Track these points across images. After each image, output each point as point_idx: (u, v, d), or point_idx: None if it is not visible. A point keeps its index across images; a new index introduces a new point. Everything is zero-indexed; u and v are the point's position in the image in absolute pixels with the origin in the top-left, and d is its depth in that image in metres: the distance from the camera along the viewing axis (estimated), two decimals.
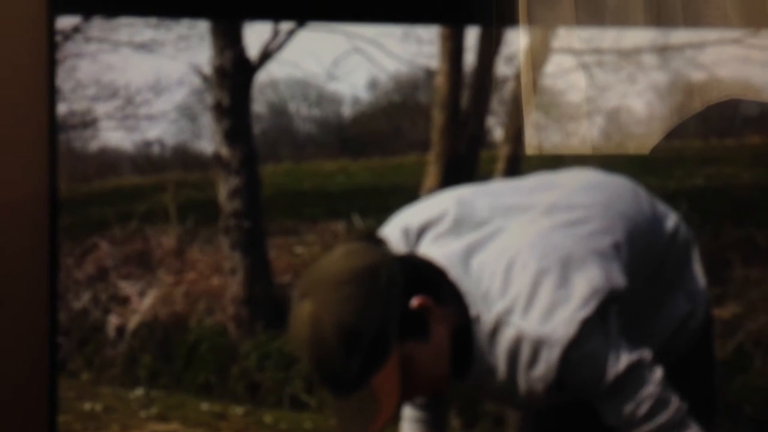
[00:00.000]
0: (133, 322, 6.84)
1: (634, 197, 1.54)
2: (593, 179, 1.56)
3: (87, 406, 5.00)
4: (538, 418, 1.70)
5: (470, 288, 1.36)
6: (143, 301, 7.02)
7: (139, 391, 6.04)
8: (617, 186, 1.56)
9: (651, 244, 1.54)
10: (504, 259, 1.39)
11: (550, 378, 1.37)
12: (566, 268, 1.38)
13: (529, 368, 1.36)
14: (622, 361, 1.39)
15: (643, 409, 1.41)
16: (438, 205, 1.57)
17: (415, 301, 1.34)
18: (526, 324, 1.36)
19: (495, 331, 1.37)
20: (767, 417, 3.98)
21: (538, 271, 1.37)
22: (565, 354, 1.35)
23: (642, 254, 1.49)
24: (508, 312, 1.37)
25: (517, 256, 1.39)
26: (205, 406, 5.18)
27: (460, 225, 1.42)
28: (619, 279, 1.38)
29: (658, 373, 1.44)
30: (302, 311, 1.30)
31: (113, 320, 6.99)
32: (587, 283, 1.37)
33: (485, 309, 1.35)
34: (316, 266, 1.36)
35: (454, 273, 1.33)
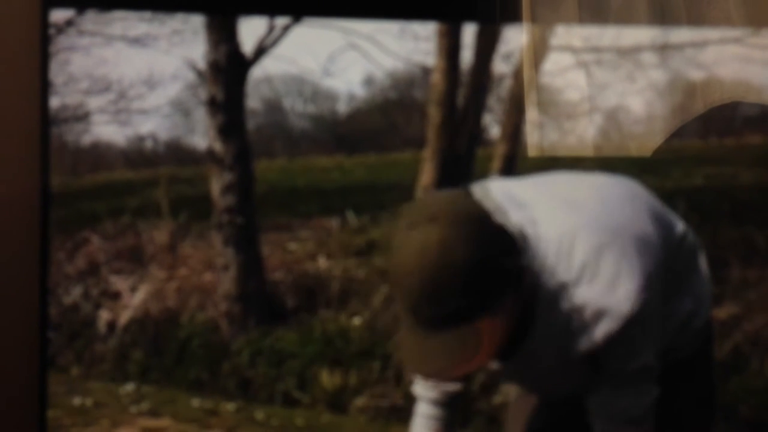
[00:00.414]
0: (125, 317, 6.84)
1: (655, 203, 1.58)
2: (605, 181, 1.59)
3: (77, 401, 4.99)
4: (543, 413, 1.71)
5: (534, 258, 1.41)
6: (135, 297, 7.02)
7: (129, 387, 6.08)
8: (639, 191, 1.60)
9: (667, 250, 1.57)
10: (562, 233, 1.47)
11: (595, 348, 1.45)
12: (624, 249, 1.45)
13: (582, 337, 1.44)
14: (645, 357, 1.48)
15: (634, 412, 1.48)
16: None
17: (510, 262, 1.38)
18: (589, 294, 1.42)
19: (557, 299, 1.43)
20: (764, 419, 3.99)
21: (599, 245, 1.44)
22: (621, 327, 1.43)
23: (663, 260, 1.53)
24: (571, 282, 1.42)
25: (577, 231, 1.47)
26: (196, 402, 5.18)
27: (507, 204, 1.44)
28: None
29: (656, 390, 1.49)
30: (430, 235, 1.29)
31: (104, 315, 6.98)
32: (645, 267, 1.45)
33: (548, 278, 1.41)
34: (423, 203, 1.37)
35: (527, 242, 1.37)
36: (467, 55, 5.13)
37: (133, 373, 6.60)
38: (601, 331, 1.42)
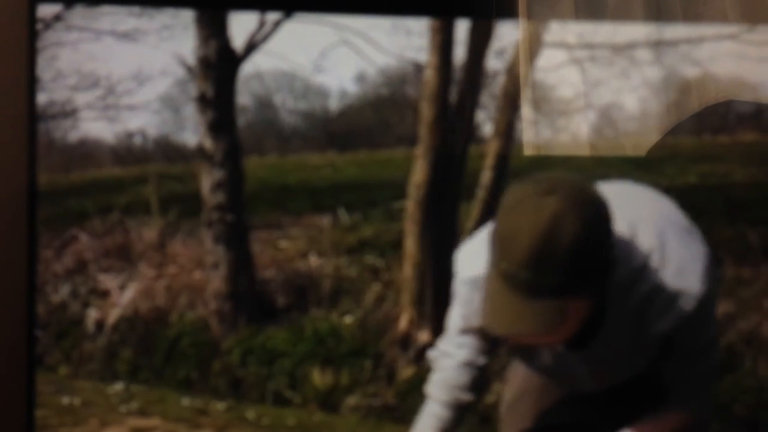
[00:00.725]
0: (113, 316, 6.82)
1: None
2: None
3: (65, 400, 4.98)
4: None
5: None
6: (123, 295, 7.00)
7: (118, 386, 6.03)
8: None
9: None
10: (625, 223, 1.49)
11: (676, 329, 1.48)
12: (683, 235, 1.50)
13: (658, 321, 1.48)
14: (713, 330, 1.55)
15: (708, 378, 1.55)
16: None
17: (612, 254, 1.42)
18: (660, 279, 1.46)
19: (628, 287, 1.46)
20: (758, 418, 4.00)
21: (661, 233, 1.48)
22: (696, 307, 1.47)
23: None
24: (640, 270, 1.46)
25: (636, 222, 1.49)
26: (186, 401, 5.17)
27: None
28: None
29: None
30: (545, 205, 1.32)
31: (92, 314, 6.96)
32: (704, 249, 1.50)
33: (622, 269, 1.43)
34: (556, 176, 1.40)
35: None
36: (460, 52, 5.13)
37: (122, 372, 6.58)
38: (678, 313, 1.47)
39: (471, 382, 1.69)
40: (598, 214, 1.36)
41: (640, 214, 1.51)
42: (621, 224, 1.48)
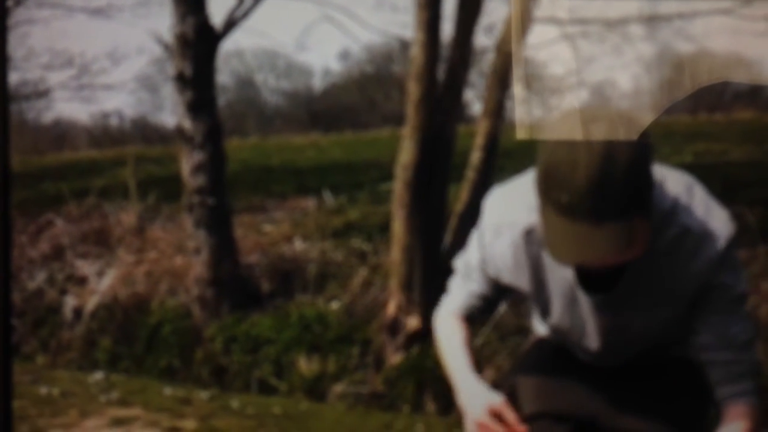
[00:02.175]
0: (92, 303, 6.81)
1: None
2: None
3: (43, 390, 4.98)
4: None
5: None
6: (102, 282, 6.98)
7: (98, 375, 5.98)
8: None
9: None
10: (656, 177, 1.57)
11: (704, 274, 1.56)
12: (705, 188, 1.60)
13: (690, 261, 1.55)
14: (745, 281, 1.62)
15: (746, 336, 1.60)
16: None
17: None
18: (691, 221, 1.55)
19: (659, 227, 1.54)
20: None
21: (686, 182, 1.60)
22: (725, 248, 1.56)
23: None
24: (667, 212, 1.55)
25: (663, 174, 1.61)
26: (168, 390, 5.17)
27: None
28: None
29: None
30: (597, 132, 1.42)
31: (70, 301, 6.95)
32: (722, 204, 1.61)
33: (654, 209, 1.50)
34: (593, 105, 1.52)
35: None
36: (447, 28, 5.13)
37: (102, 361, 6.58)
38: (708, 255, 1.55)
39: (481, 304, 1.75)
40: (644, 136, 1.44)
41: (667, 171, 1.61)
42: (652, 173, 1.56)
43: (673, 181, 1.58)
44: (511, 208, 1.60)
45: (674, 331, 1.65)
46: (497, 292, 1.73)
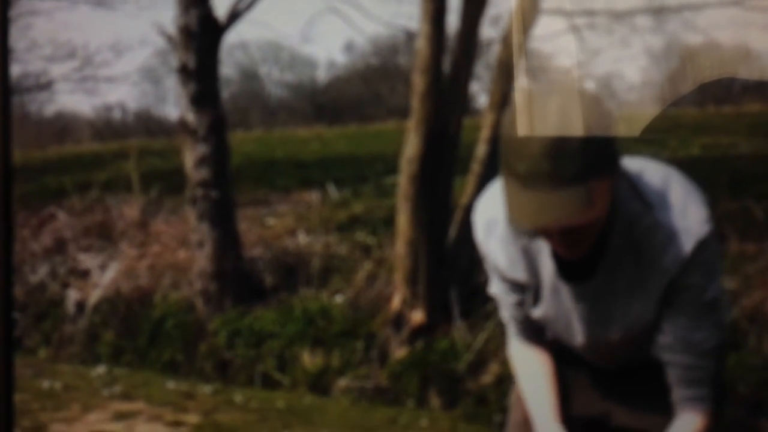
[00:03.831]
0: (94, 296, 6.81)
1: None
2: None
3: (45, 384, 4.99)
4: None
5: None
6: (104, 275, 6.99)
7: (100, 369, 6.00)
8: None
9: None
10: (633, 165, 1.62)
11: (673, 272, 1.58)
12: (686, 182, 1.62)
13: (660, 257, 1.57)
14: (718, 286, 1.62)
15: (710, 344, 1.61)
16: None
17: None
18: (664, 218, 1.58)
19: (632, 222, 1.58)
20: (762, 396, 4.04)
21: (665, 176, 1.62)
22: (696, 248, 1.57)
23: None
24: (644, 207, 1.58)
25: (643, 166, 1.63)
26: (171, 384, 5.18)
27: None
28: None
29: (725, 324, 1.67)
30: (552, 101, 1.47)
31: (73, 295, 6.96)
32: (705, 199, 1.61)
33: (622, 203, 1.55)
34: (553, 81, 1.55)
35: None
36: (453, 20, 5.12)
37: (105, 355, 6.59)
38: (678, 251, 1.56)
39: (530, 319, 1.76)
40: (598, 102, 1.48)
41: (646, 164, 1.63)
42: (629, 165, 1.59)
43: (651, 173, 1.61)
44: (496, 203, 1.63)
45: (652, 327, 1.66)
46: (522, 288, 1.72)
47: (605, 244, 1.58)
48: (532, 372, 1.75)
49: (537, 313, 1.71)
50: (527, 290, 1.69)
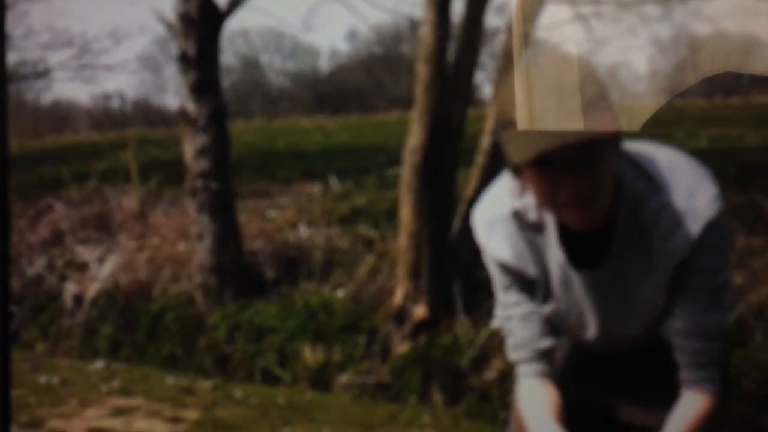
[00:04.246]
0: (92, 290, 6.82)
1: None
2: None
3: (42, 379, 5.00)
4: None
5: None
6: (103, 268, 6.99)
7: (99, 364, 6.00)
8: None
9: None
10: (639, 149, 1.62)
11: (681, 254, 1.57)
12: (694, 165, 1.62)
13: (667, 239, 1.57)
14: (728, 269, 1.63)
15: (721, 328, 1.62)
16: None
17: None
18: (670, 198, 1.57)
19: (639, 204, 1.58)
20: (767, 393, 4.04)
21: (673, 159, 1.62)
22: (705, 230, 1.56)
23: None
24: (652, 189, 1.58)
25: (651, 149, 1.63)
26: (170, 379, 5.19)
27: None
28: None
29: (732, 306, 1.72)
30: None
31: (70, 288, 6.96)
32: (713, 181, 1.60)
33: (629, 185, 1.55)
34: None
35: None
36: (458, 7, 5.10)
37: (103, 349, 6.60)
38: (686, 233, 1.56)
39: (542, 329, 1.73)
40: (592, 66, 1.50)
41: (654, 148, 1.63)
42: (635, 147, 1.60)
43: (658, 155, 1.61)
44: (495, 202, 1.64)
45: (664, 312, 1.67)
46: (533, 292, 1.70)
47: (613, 228, 1.58)
48: (539, 410, 1.72)
49: (548, 309, 1.70)
50: (537, 286, 1.68)
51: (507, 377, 4.28)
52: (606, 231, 1.57)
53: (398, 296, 4.96)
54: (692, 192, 1.57)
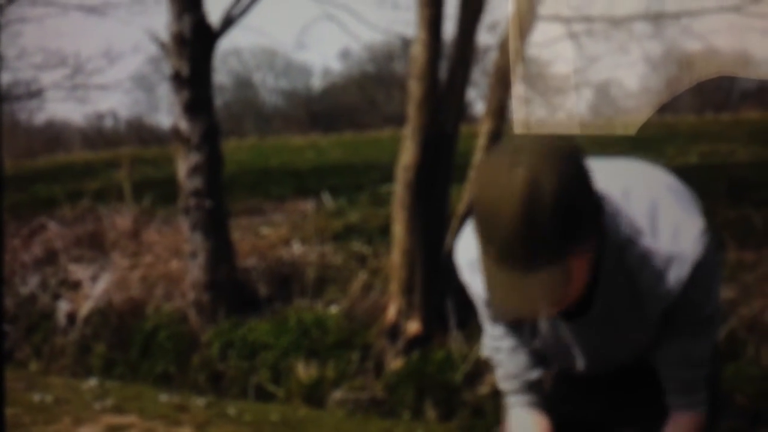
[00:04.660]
0: (86, 308, 6.79)
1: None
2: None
3: (36, 397, 4.97)
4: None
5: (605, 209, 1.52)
6: (96, 286, 6.97)
7: (92, 382, 5.97)
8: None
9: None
10: (618, 190, 1.54)
11: (670, 297, 1.53)
12: (677, 199, 1.56)
13: (655, 285, 1.53)
14: (716, 299, 1.60)
15: (706, 354, 1.60)
16: None
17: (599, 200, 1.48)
18: (655, 244, 1.52)
19: (622, 252, 1.52)
20: (760, 407, 4.03)
21: (654, 198, 1.55)
22: (692, 271, 1.52)
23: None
24: (634, 235, 1.52)
25: (630, 188, 1.55)
26: (164, 397, 5.16)
27: None
28: None
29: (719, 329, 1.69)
30: (516, 177, 1.37)
31: (64, 306, 6.93)
32: (698, 213, 1.56)
33: (611, 233, 1.49)
34: (518, 141, 1.46)
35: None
36: (450, 26, 5.13)
37: (96, 367, 6.57)
38: (674, 277, 1.52)
39: (530, 361, 1.71)
40: (570, 162, 1.39)
41: (634, 181, 1.56)
42: (614, 189, 1.53)
43: (639, 196, 1.54)
44: (475, 243, 1.59)
45: (652, 343, 1.66)
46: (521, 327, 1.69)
47: (598, 279, 1.54)
48: None
49: (536, 344, 1.69)
50: (523, 326, 1.67)
51: (500, 393, 4.28)
52: (591, 281, 1.53)
53: (391, 312, 4.96)
54: (677, 232, 1.52)
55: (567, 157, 1.40)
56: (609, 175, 1.53)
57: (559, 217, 1.35)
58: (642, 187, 1.56)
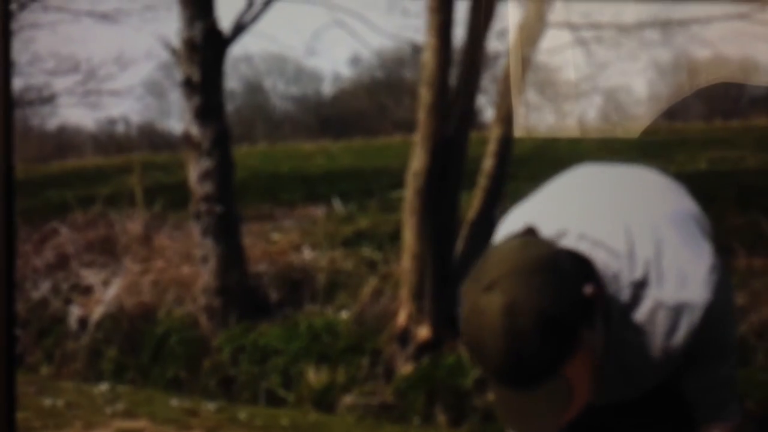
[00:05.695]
0: (97, 313, 6.82)
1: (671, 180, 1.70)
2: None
3: (47, 402, 4.99)
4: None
5: (604, 271, 1.46)
6: (107, 291, 7.00)
7: (103, 387, 6.00)
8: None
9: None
10: (621, 235, 1.50)
11: (688, 342, 1.49)
12: (681, 236, 1.51)
13: (669, 336, 1.48)
14: (734, 327, 1.57)
15: (729, 372, 1.55)
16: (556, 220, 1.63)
17: (588, 289, 1.40)
18: (662, 294, 1.47)
19: (630, 305, 1.48)
20: None
21: (656, 241, 1.49)
22: (705, 315, 1.48)
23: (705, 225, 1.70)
24: (639, 285, 1.47)
25: (634, 228, 1.50)
26: (174, 402, 5.18)
27: (546, 232, 1.52)
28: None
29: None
30: (492, 304, 1.35)
31: (75, 311, 6.96)
32: (704, 243, 1.51)
33: (614, 286, 1.45)
34: (491, 261, 1.41)
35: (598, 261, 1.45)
36: (460, 32, 5.14)
37: (107, 371, 6.60)
38: (686, 326, 1.47)
39: None
40: (547, 272, 1.36)
41: (636, 219, 1.52)
42: (617, 238, 1.48)
43: (642, 243, 1.49)
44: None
45: (673, 377, 1.62)
46: None
47: (606, 349, 1.49)
48: None
49: None
50: None
51: None
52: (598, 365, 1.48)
53: (402, 317, 4.96)
54: (683, 278, 1.48)
55: (543, 269, 1.36)
56: (610, 211, 1.51)
57: (544, 337, 1.32)
58: (645, 224, 1.51)
